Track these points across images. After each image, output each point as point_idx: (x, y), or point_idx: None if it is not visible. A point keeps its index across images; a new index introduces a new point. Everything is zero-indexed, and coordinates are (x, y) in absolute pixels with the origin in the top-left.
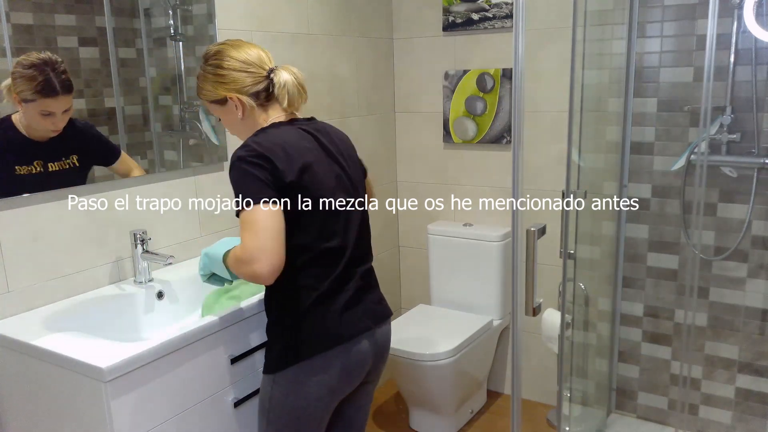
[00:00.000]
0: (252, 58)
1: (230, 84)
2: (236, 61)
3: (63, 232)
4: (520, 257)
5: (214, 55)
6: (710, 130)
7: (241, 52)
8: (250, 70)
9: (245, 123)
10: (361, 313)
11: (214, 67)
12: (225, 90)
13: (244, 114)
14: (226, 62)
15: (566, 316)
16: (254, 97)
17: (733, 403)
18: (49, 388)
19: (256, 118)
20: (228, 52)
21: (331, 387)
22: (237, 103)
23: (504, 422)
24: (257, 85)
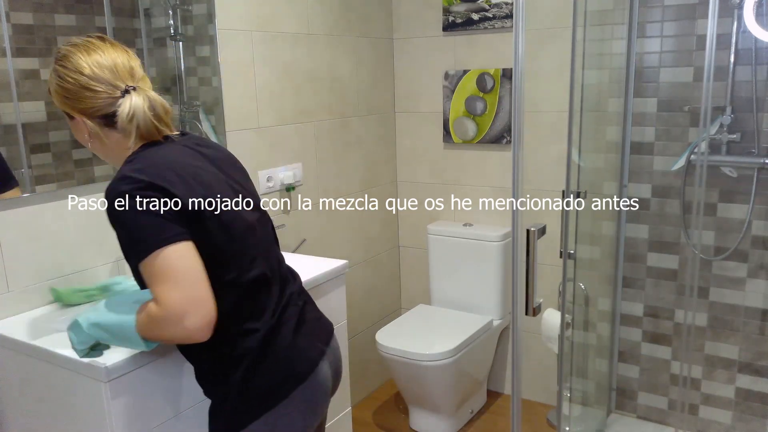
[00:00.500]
0: (104, 73)
1: (77, 103)
2: (81, 75)
3: (63, 232)
4: (520, 257)
5: (60, 59)
6: (710, 130)
7: (93, 60)
8: (97, 88)
9: (104, 147)
10: (311, 339)
11: (57, 76)
12: (70, 107)
13: (91, 137)
14: (71, 75)
15: (566, 316)
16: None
17: (733, 403)
18: (49, 388)
19: (119, 141)
20: (76, 60)
21: (302, 429)
22: (82, 126)
23: (504, 422)
24: (108, 108)
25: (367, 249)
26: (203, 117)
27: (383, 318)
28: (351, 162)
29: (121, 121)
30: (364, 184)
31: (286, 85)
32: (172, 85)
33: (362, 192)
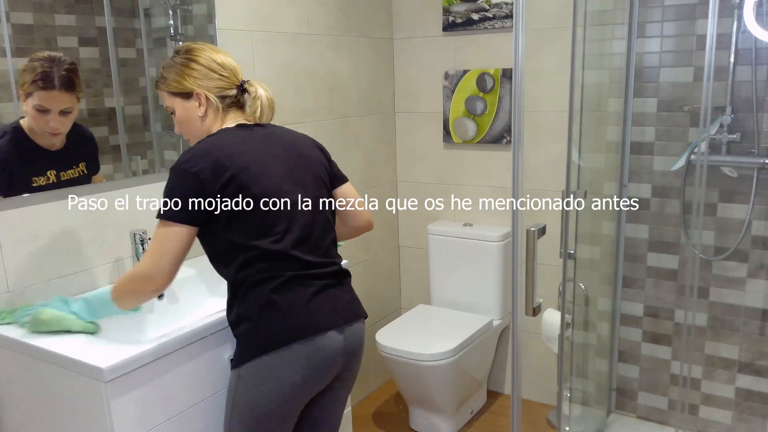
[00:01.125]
0: (228, 65)
1: (202, 80)
2: (214, 62)
3: (63, 232)
4: (520, 257)
5: (192, 50)
6: (710, 130)
7: (219, 56)
8: (223, 74)
9: (200, 123)
10: (328, 309)
11: (189, 60)
12: (195, 84)
13: (206, 113)
14: (203, 60)
15: (566, 316)
16: (220, 100)
17: (733, 403)
18: (49, 388)
19: (213, 121)
20: (207, 52)
21: (293, 384)
22: (203, 101)
23: (504, 422)
24: (226, 91)
25: (367, 249)
26: None
27: (383, 318)
28: (351, 162)
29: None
30: (364, 184)
31: (286, 85)
32: None
33: (362, 192)
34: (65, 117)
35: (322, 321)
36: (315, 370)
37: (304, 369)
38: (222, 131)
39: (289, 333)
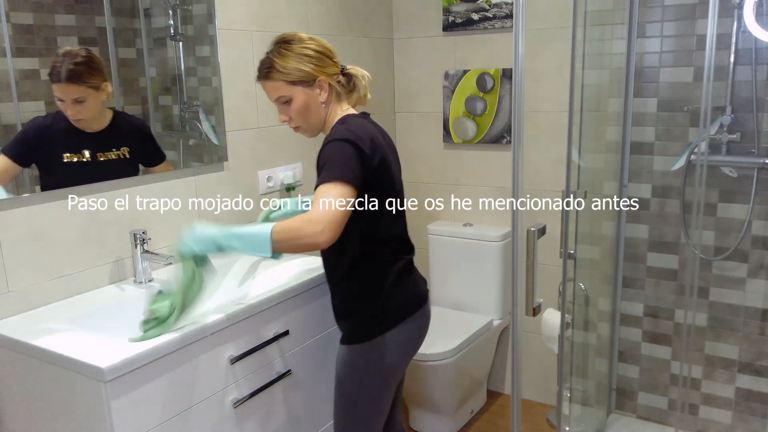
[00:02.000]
0: (334, 50)
1: (324, 67)
2: (325, 48)
3: (63, 232)
4: (520, 257)
5: (307, 40)
6: (710, 130)
7: (325, 42)
8: (335, 59)
9: (322, 110)
10: (421, 282)
11: (306, 48)
12: (317, 71)
13: (329, 99)
14: (317, 47)
15: (566, 316)
16: (338, 85)
17: (733, 403)
18: (49, 388)
19: (333, 107)
20: (318, 40)
21: (415, 344)
22: (325, 87)
23: (504, 422)
24: (339, 76)
25: None
26: (203, 117)
27: None
28: None
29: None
30: None
31: None
32: (172, 85)
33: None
34: (80, 105)
35: (424, 292)
36: (424, 330)
37: (420, 330)
38: (355, 116)
39: (412, 304)
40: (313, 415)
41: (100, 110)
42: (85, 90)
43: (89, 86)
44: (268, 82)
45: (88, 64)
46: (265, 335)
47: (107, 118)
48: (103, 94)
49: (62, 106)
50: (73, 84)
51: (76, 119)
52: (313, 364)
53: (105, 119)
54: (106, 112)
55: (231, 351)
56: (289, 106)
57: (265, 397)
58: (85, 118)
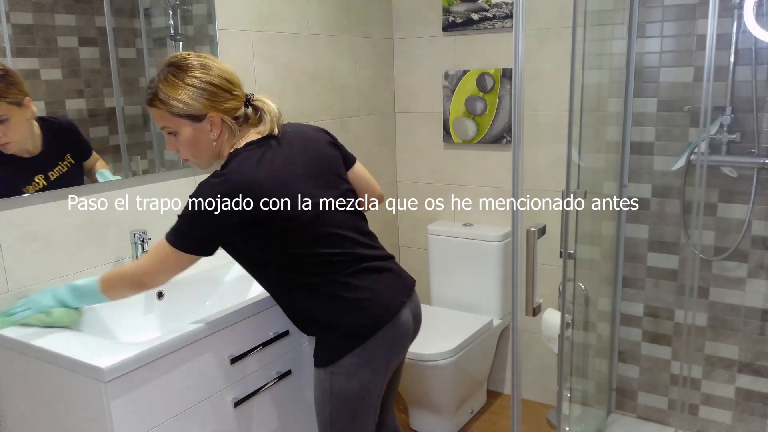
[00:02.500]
0: (237, 81)
1: (219, 102)
2: (222, 80)
3: (63, 232)
4: (520, 257)
5: (199, 69)
6: (710, 130)
7: (226, 69)
8: (236, 92)
9: (212, 146)
10: (393, 291)
11: (197, 80)
12: (207, 106)
13: (220, 136)
14: (210, 79)
15: (566, 316)
16: (234, 120)
17: (733, 403)
18: (49, 388)
19: (226, 143)
20: (215, 67)
21: (387, 361)
22: (217, 124)
23: (504, 422)
24: (240, 110)
25: None
26: None
27: None
28: None
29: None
30: None
31: (286, 85)
32: None
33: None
34: (3, 126)
35: (393, 305)
36: (398, 347)
37: (390, 348)
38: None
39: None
40: (313, 415)
41: (29, 129)
42: (6, 107)
43: (9, 102)
44: (153, 109)
45: (3, 79)
46: (265, 335)
47: (39, 136)
48: (27, 111)
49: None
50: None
51: (3, 143)
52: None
53: (37, 138)
54: (34, 129)
55: (231, 351)
56: (175, 138)
57: (265, 397)
58: (13, 140)
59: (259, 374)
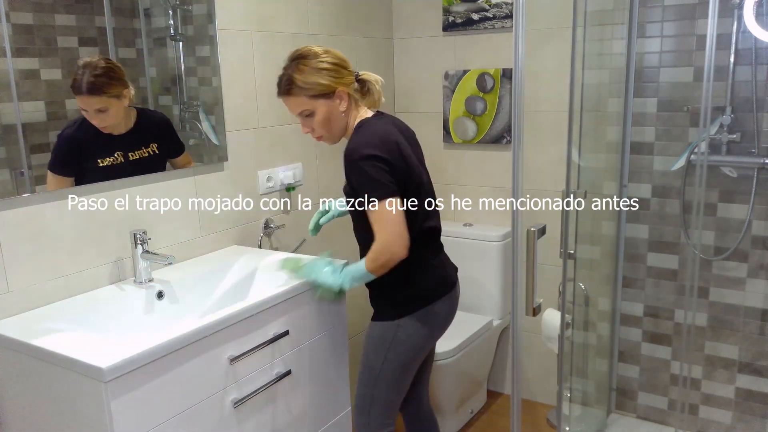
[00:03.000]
0: (346, 59)
1: (341, 78)
2: (340, 60)
3: (63, 232)
4: (520, 257)
5: (323, 53)
6: (710, 130)
7: (338, 53)
8: (349, 68)
9: (343, 119)
10: (449, 268)
11: (323, 62)
12: (336, 83)
13: (348, 107)
14: (333, 59)
15: (566, 316)
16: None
17: (733, 403)
18: (49, 388)
19: (351, 114)
20: (332, 52)
21: (440, 327)
22: (344, 97)
23: (504, 422)
24: (355, 84)
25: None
26: (203, 117)
27: None
28: None
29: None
30: None
31: None
32: (172, 85)
33: None
34: (104, 114)
35: (453, 278)
36: (451, 316)
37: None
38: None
39: (443, 288)
40: (314, 415)
41: (125, 114)
42: (107, 100)
43: (110, 96)
44: (291, 98)
45: (107, 75)
46: (265, 335)
47: (132, 119)
48: (125, 100)
49: (86, 116)
50: (94, 96)
51: (102, 126)
52: (313, 364)
53: (130, 120)
54: (130, 113)
55: (231, 351)
56: (311, 119)
57: (265, 397)
58: (110, 124)
59: (259, 374)
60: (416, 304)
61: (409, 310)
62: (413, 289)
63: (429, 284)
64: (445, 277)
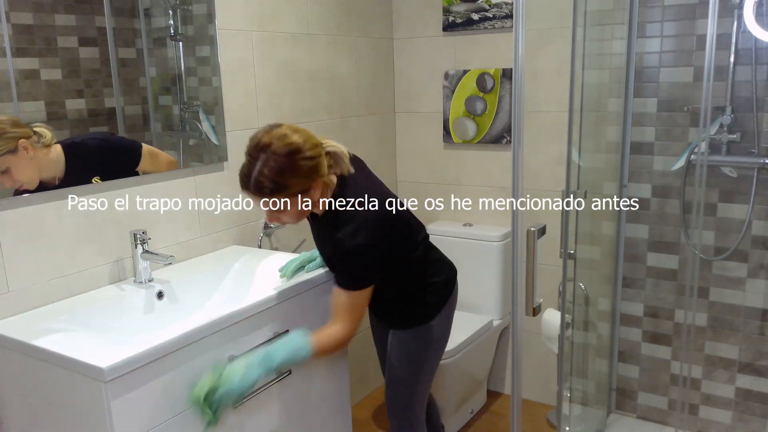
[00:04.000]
0: (316, 140)
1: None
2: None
3: (63, 232)
4: (520, 257)
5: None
6: (710, 130)
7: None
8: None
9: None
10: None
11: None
12: (315, 178)
13: (322, 193)
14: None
15: (566, 316)
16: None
17: (733, 403)
18: (49, 388)
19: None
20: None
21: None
22: (320, 185)
23: (504, 422)
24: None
25: None
26: (203, 117)
27: None
28: None
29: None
30: None
31: (286, 85)
32: (172, 85)
33: None
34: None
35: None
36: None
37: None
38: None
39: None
40: (313, 415)
41: (41, 164)
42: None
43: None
44: (258, 197)
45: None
46: (265, 335)
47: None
48: (27, 151)
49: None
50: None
51: (18, 187)
52: (313, 364)
53: (58, 165)
54: (51, 157)
55: (231, 351)
56: (282, 212)
57: (265, 397)
58: (25, 181)
59: None
60: (440, 303)
61: (438, 308)
62: (437, 288)
63: (445, 278)
64: (450, 264)
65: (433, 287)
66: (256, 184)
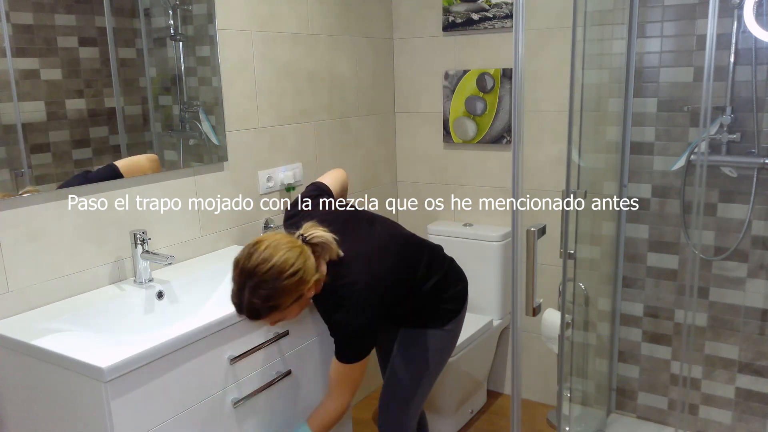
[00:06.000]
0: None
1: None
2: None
3: (63, 232)
4: (520, 257)
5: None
6: (710, 130)
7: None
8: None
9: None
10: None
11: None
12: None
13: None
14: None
15: (566, 316)
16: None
17: (733, 403)
18: (49, 388)
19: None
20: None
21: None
22: (312, 287)
23: (504, 422)
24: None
25: None
26: (203, 117)
27: None
28: (351, 162)
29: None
30: (364, 184)
31: (286, 85)
32: (172, 85)
33: (362, 192)
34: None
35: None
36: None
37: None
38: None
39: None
40: None
41: None
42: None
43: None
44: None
45: None
46: (266, 335)
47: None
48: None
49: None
50: None
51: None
52: (313, 364)
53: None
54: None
55: (231, 351)
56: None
57: (265, 397)
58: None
59: (259, 374)
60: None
61: (452, 315)
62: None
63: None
64: (459, 272)
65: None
66: (250, 311)
